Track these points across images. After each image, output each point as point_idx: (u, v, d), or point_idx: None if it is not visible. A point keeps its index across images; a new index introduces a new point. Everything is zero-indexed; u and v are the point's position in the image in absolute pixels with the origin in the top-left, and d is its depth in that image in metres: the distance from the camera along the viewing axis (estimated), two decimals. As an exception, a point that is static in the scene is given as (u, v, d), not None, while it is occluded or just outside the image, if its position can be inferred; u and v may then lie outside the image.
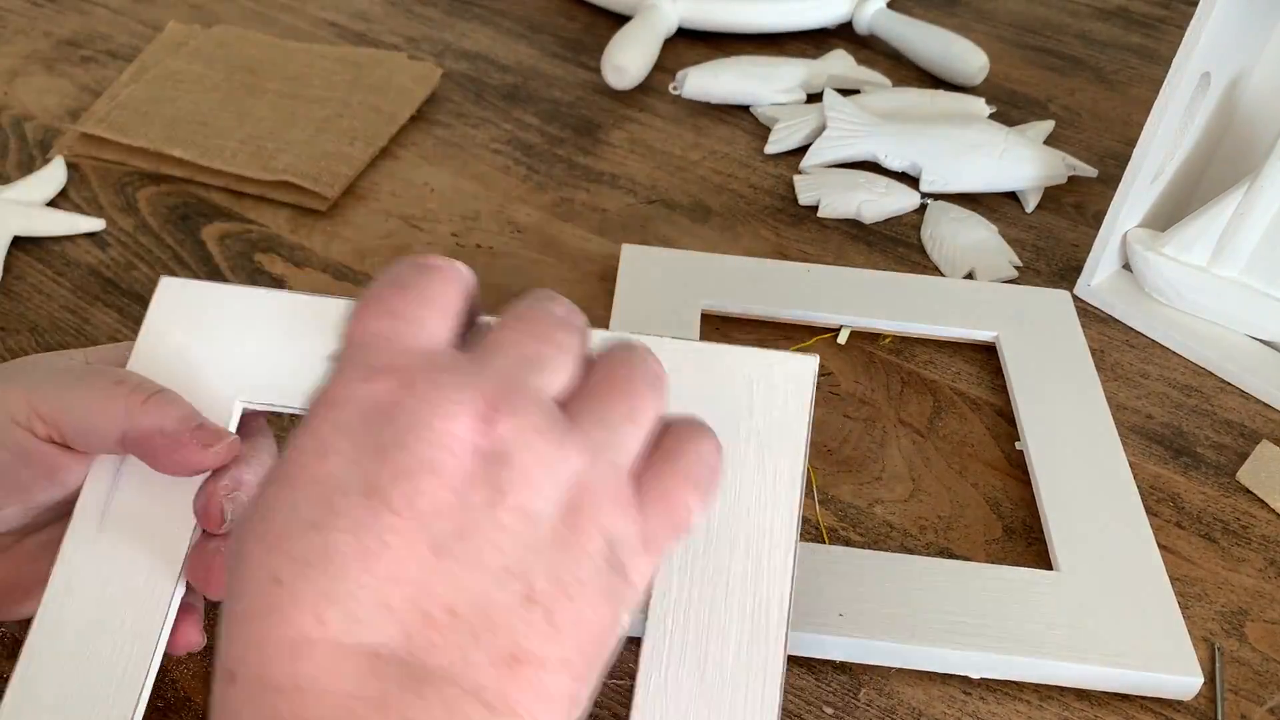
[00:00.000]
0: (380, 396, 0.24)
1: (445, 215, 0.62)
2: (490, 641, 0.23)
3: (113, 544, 0.34)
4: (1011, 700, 0.41)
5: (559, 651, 0.23)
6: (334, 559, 0.22)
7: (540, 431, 0.24)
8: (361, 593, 0.22)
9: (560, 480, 0.24)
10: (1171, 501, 0.49)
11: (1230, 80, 0.57)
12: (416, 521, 0.23)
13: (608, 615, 0.25)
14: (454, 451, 0.23)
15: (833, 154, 0.67)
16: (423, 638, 0.23)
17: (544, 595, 0.23)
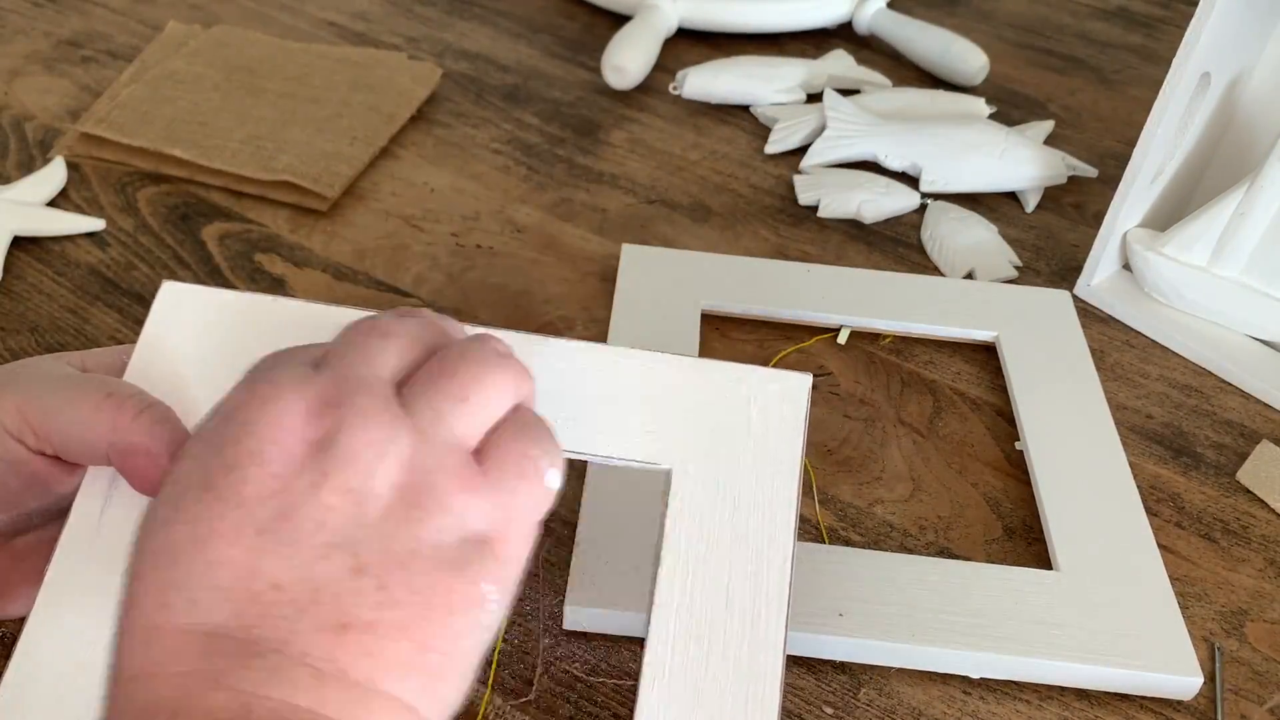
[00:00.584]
0: (231, 403, 0.27)
1: (445, 215, 0.62)
2: (316, 611, 0.24)
3: (110, 549, 0.34)
4: (1011, 700, 0.41)
5: (393, 617, 0.25)
6: (174, 550, 0.25)
7: (368, 416, 0.26)
8: (195, 577, 0.24)
9: (390, 460, 0.26)
10: (1171, 501, 0.49)
11: (1230, 80, 0.57)
12: (241, 508, 0.25)
13: (459, 586, 0.25)
14: (280, 442, 0.25)
15: (833, 154, 0.67)
16: (251, 613, 0.24)
17: (374, 566, 0.25)
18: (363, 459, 0.25)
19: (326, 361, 0.28)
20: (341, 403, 0.26)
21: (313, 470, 0.25)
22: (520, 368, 0.29)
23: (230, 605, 0.24)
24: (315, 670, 0.24)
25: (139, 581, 0.25)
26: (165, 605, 0.24)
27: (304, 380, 0.27)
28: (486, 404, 0.28)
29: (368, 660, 0.24)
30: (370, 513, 0.25)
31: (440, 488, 0.26)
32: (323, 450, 0.25)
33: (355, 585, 0.25)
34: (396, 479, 0.26)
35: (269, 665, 0.24)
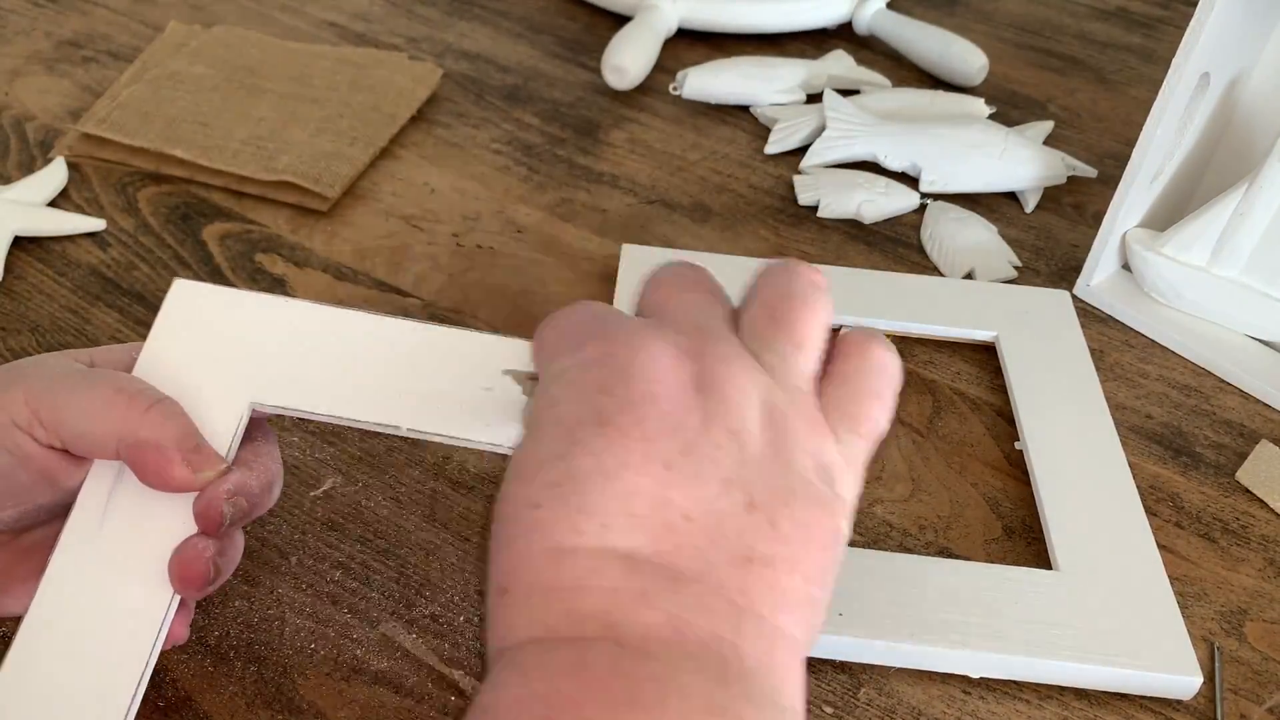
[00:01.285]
0: (590, 356, 0.28)
1: (445, 215, 0.62)
2: (724, 544, 0.25)
3: (111, 545, 0.34)
4: (1011, 700, 0.41)
5: (786, 552, 0.26)
6: (581, 479, 0.25)
7: (731, 362, 0.27)
8: (609, 505, 0.25)
9: (757, 403, 0.27)
10: (1171, 501, 0.49)
11: (1230, 81, 0.57)
12: (646, 442, 0.26)
13: (826, 521, 0.27)
14: (666, 383, 0.27)
15: (832, 154, 0.67)
16: (667, 541, 0.25)
17: (763, 503, 0.26)
18: (736, 401, 0.27)
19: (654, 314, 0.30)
20: (702, 350, 0.27)
21: (698, 411, 0.26)
22: (828, 293, 0.31)
23: (645, 534, 0.25)
24: (732, 602, 0.25)
25: (537, 510, 0.26)
26: (576, 530, 0.25)
27: (657, 328, 0.28)
28: (818, 343, 0.30)
29: (770, 595, 0.25)
30: (750, 452, 0.26)
31: (797, 429, 0.27)
32: (700, 392, 0.27)
33: (751, 521, 0.26)
34: (762, 420, 0.27)
35: (693, 592, 0.25)
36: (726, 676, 0.24)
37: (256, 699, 0.39)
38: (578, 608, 0.25)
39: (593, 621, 0.24)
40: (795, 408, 0.28)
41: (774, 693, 0.25)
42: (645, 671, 0.23)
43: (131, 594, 0.33)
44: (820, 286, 0.30)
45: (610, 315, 0.29)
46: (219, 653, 0.40)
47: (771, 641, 0.25)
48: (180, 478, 0.32)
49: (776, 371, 0.28)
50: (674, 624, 0.24)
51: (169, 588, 0.33)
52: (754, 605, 0.25)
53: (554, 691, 0.23)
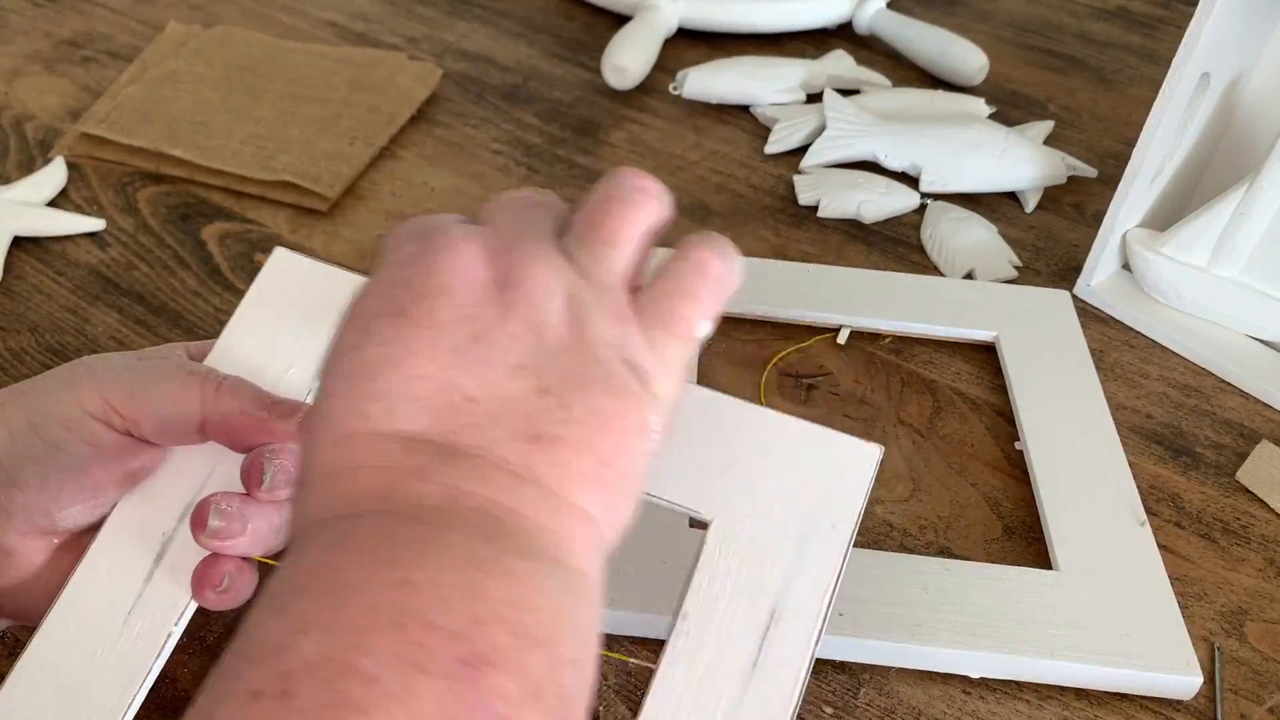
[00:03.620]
0: (402, 255, 0.28)
1: (445, 215, 0.62)
2: (509, 423, 0.26)
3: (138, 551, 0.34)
4: (1011, 700, 0.41)
5: (577, 433, 0.27)
6: (369, 366, 0.27)
7: (536, 258, 0.28)
8: (393, 389, 0.26)
9: (559, 296, 0.28)
10: (1171, 501, 0.49)
11: (1230, 81, 0.57)
12: (435, 330, 0.27)
13: (627, 410, 0.27)
14: (464, 277, 0.27)
15: (833, 154, 0.67)
16: (450, 422, 0.26)
17: (555, 387, 0.27)
18: (537, 295, 0.27)
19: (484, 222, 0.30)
20: (511, 249, 0.28)
21: (496, 303, 0.27)
22: (657, 197, 0.31)
23: (428, 415, 0.26)
24: (513, 474, 0.26)
25: (330, 398, 0.27)
26: (362, 415, 0.26)
27: (474, 231, 0.29)
28: (632, 241, 0.30)
29: (556, 470, 0.26)
30: (548, 342, 0.27)
31: (600, 322, 0.28)
32: (501, 288, 0.27)
33: (541, 403, 0.26)
34: (565, 313, 0.28)
35: (470, 465, 0.26)
36: (497, 536, 0.25)
37: (256, 699, 0.39)
38: (356, 487, 0.26)
39: (369, 498, 0.25)
40: (601, 302, 0.28)
41: (557, 554, 0.26)
42: (409, 534, 0.24)
43: (147, 600, 0.34)
44: (643, 189, 0.30)
45: (437, 221, 0.30)
46: (219, 653, 0.40)
47: (556, 510, 0.26)
48: (275, 429, 0.34)
49: (588, 269, 0.29)
50: (448, 493, 0.25)
51: (186, 593, 0.34)
52: (539, 479, 0.26)
53: (318, 562, 0.24)
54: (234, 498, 0.34)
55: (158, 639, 0.33)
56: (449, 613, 0.23)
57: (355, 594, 0.23)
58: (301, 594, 0.24)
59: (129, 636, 0.33)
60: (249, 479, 0.34)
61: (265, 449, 0.34)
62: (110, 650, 0.33)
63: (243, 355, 0.37)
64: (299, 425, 0.28)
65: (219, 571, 0.33)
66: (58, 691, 0.32)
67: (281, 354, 0.37)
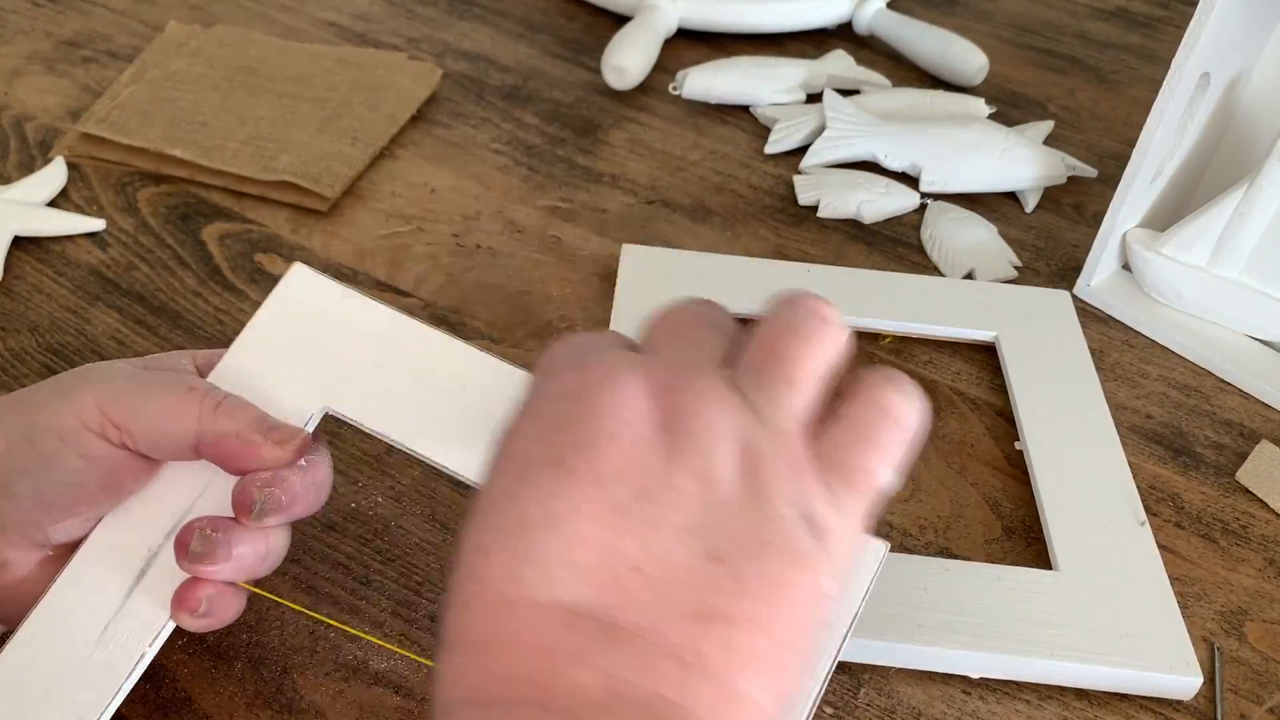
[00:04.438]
0: (560, 387, 0.26)
1: (445, 215, 0.62)
2: (678, 599, 0.24)
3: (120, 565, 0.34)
4: (1011, 700, 0.41)
5: (751, 610, 0.24)
6: (525, 524, 0.24)
7: (707, 398, 0.25)
8: (552, 553, 0.24)
9: (733, 443, 0.25)
10: (1171, 501, 0.49)
11: (1230, 80, 0.57)
12: (597, 486, 0.24)
13: (802, 577, 0.25)
14: (629, 421, 0.25)
15: (833, 154, 0.67)
16: (614, 595, 0.24)
17: (727, 554, 0.24)
18: (707, 441, 0.25)
19: (648, 348, 0.28)
20: (678, 386, 0.26)
21: (662, 452, 0.25)
22: (837, 327, 0.28)
23: (590, 585, 0.24)
24: (681, 661, 0.23)
25: (483, 555, 0.25)
26: (517, 580, 0.24)
27: (637, 362, 0.26)
28: (815, 380, 0.27)
29: (727, 654, 0.24)
30: (718, 498, 0.24)
31: (781, 474, 0.25)
32: (668, 432, 0.25)
33: (712, 574, 0.24)
34: (739, 463, 0.25)
35: (634, 650, 0.23)
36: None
37: (256, 699, 0.39)
38: (510, 668, 0.24)
39: (524, 684, 0.23)
40: (778, 451, 0.25)
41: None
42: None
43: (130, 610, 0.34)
44: (826, 319, 0.28)
45: (597, 344, 0.28)
46: (219, 653, 0.40)
47: (725, 702, 0.23)
48: (269, 455, 0.33)
49: (763, 411, 0.26)
50: (609, 685, 0.23)
51: (166, 612, 0.34)
52: (708, 666, 0.23)
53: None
54: (220, 522, 0.33)
55: (132, 657, 0.33)
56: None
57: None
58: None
59: (103, 653, 0.33)
60: (239, 506, 0.33)
61: (257, 476, 0.33)
62: (82, 666, 0.33)
63: (248, 374, 0.36)
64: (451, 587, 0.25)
65: (196, 596, 0.33)
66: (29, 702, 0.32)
67: (288, 377, 0.36)
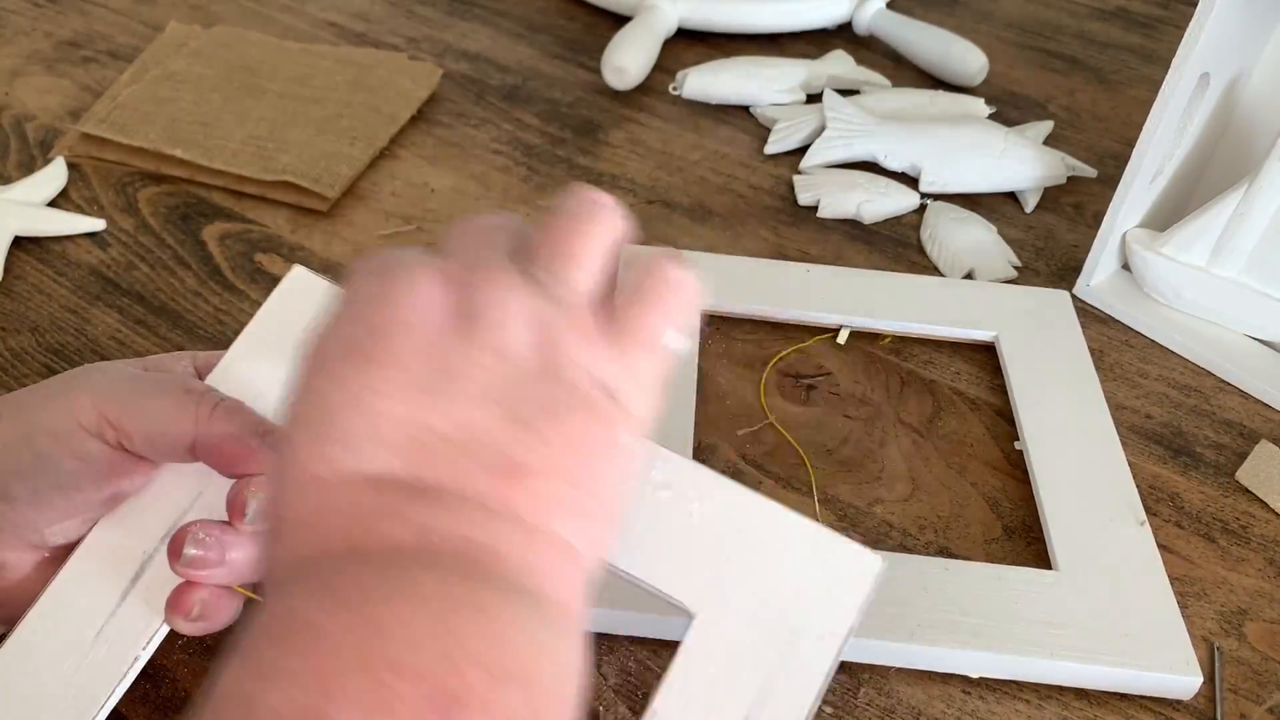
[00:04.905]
0: (359, 291, 0.28)
1: (445, 215, 0.62)
2: (481, 456, 0.26)
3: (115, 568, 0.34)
4: (1011, 700, 0.41)
5: (550, 461, 0.26)
6: (328, 409, 0.26)
7: (496, 282, 0.27)
8: (357, 431, 0.25)
9: (523, 322, 0.27)
10: (1171, 501, 0.49)
11: (1229, 81, 0.57)
12: (397, 367, 0.26)
13: (598, 430, 0.27)
14: (424, 309, 0.26)
15: (832, 154, 0.67)
16: (418, 460, 0.25)
17: (526, 415, 0.26)
18: (499, 320, 0.27)
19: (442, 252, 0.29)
20: (470, 276, 0.27)
21: (457, 333, 0.26)
22: (617, 212, 0.30)
23: (396, 455, 0.25)
24: (488, 510, 0.25)
25: (293, 445, 0.26)
26: (327, 459, 0.25)
27: (431, 260, 0.28)
28: (595, 256, 0.29)
29: (532, 500, 0.26)
30: (513, 367, 0.26)
31: (571, 341, 0.27)
32: (463, 316, 0.27)
33: (512, 432, 0.26)
34: (532, 336, 0.27)
35: (444, 504, 0.25)
36: (471, 574, 0.24)
37: (256, 699, 0.39)
38: (325, 533, 0.25)
39: (337, 542, 0.25)
40: (568, 322, 0.27)
41: (536, 589, 0.25)
42: (379, 577, 0.24)
43: (120, 620, 0.34)
44: (601, 204, 0.30)
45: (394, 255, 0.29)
46: (219, 652, 0.40)
47: (533, 543, 0.26)
48: (265, 459, 0.34)
49: (551, 289, 0.28)
50: (419, 533, 0.25)
51: (160, 615, 0.34)
52: (515, 512, 0.26)
53: (286, 610, 0.24)
54: (214, 527, 0.33)
55: (125, 660, 0.33)
56: (418, 654, 0.22)
57: (322, 640, 0.23)
58: (269, 643, 0.23)
59: (97, 655, 0.33)
60: (232, 510, 0.33)
61: (251, 480, 0.34)
62: (76, 668, 0.33)
63: (247, 376, 0.36)
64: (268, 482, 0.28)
65: (190, 600, 0.33)
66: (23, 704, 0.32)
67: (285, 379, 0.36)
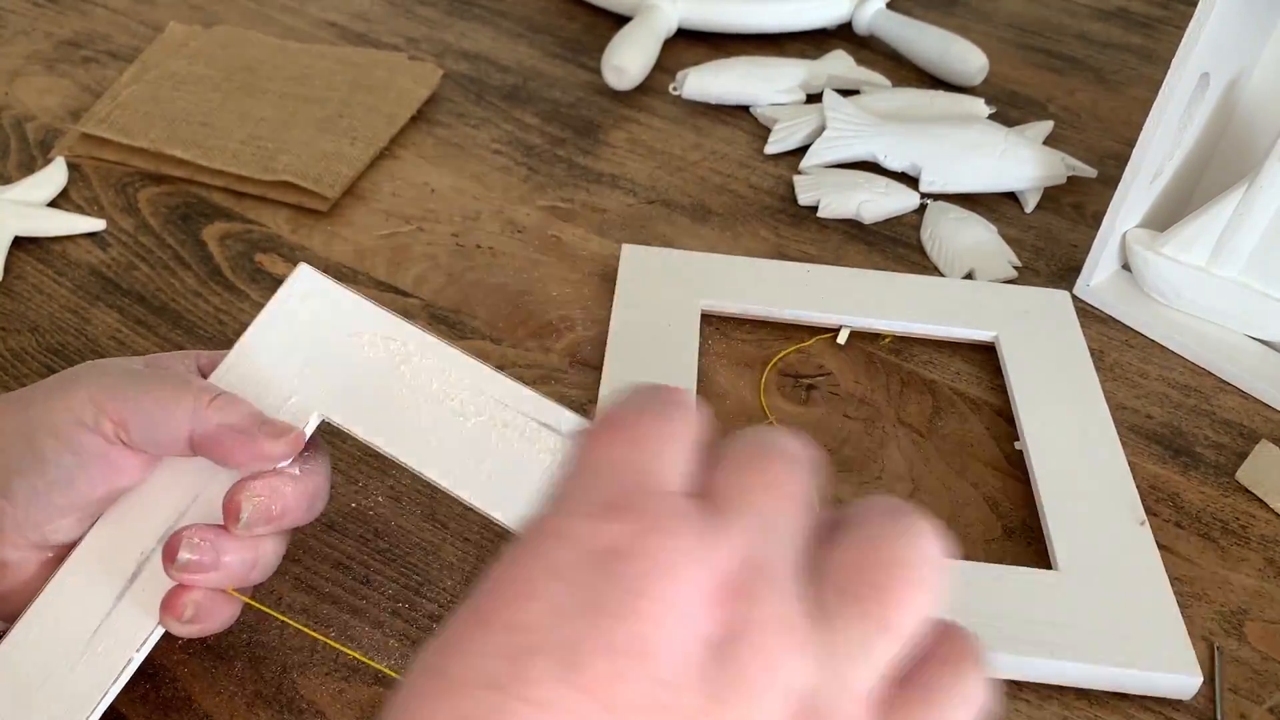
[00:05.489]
0: (610, 540, 0.20)
1: (445, 215, 0.62)
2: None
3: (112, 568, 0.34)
4: (1011, 700, 0.41)
5: None
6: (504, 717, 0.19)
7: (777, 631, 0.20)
8: None
9: (789, 693, 0.20)
10: (1171, 501, 0.49)
11: (1229, 80, 0.57)
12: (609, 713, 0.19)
13: None
14: (674, 633, 0.19)
15: (832, 154, 0.67)
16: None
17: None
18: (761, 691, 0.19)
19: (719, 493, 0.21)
20: (748, 594, 0.20)
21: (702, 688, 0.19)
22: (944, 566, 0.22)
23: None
24: None
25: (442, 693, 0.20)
26: None
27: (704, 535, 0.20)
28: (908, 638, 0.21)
29: None
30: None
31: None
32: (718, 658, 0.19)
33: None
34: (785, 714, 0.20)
35: None
36: None
37: (256, 699, 0.39)
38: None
39: None
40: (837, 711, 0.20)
41: None
42: None
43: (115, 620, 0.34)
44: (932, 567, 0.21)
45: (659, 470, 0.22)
46: (219, 652, 0.40)
47: None
48: (264, 449, 0.34)
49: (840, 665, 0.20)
50: None
51: (155, 617, 0.34)
52: None
53: None
54: (209, 531, 0.33)
55: (120, 661, 0.33)
56: None
57: None
58: None
59: (92, 655, 0.33)
60: (228, 513, 0.33)
61: (248, 484, 0.34)
62: (71, 668, 0.33)
63: (249, 374, 0.36)
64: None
65: (183, 602, 0.33)
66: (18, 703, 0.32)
67: (288, 379, 0.36)
